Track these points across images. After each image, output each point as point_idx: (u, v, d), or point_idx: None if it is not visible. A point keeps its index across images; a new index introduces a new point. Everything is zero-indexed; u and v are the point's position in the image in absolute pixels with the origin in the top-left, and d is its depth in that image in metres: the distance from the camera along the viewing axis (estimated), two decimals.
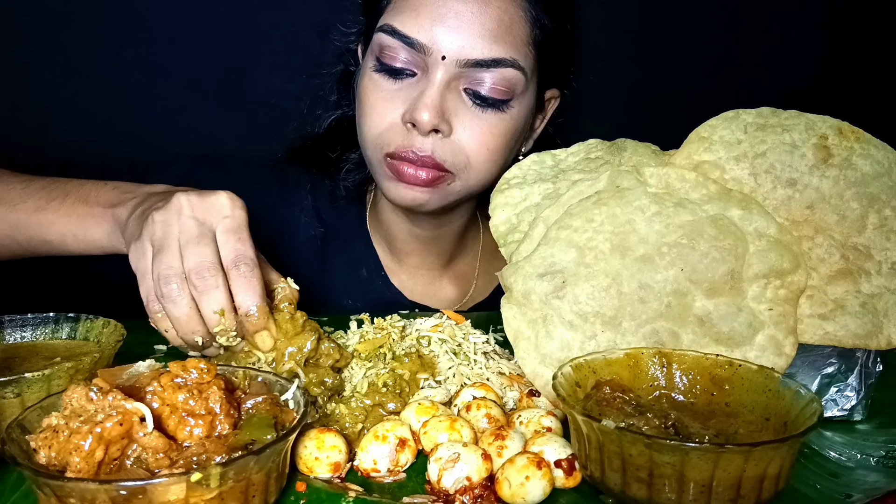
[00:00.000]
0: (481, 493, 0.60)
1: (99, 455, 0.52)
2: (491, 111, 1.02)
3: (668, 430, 0.59)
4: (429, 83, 0.99)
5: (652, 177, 0.79)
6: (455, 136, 1.01)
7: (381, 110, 1.02)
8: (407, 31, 0.99)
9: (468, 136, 1.01)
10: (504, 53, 0.99)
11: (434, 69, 0.99)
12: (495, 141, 1.03)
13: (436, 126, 0.98)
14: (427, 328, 0.88)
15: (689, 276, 0.73)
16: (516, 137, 1.08)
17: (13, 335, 0.80)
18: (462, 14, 0.98)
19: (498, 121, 1.03)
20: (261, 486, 0.55)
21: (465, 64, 0.98)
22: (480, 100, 1.01)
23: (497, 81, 1.00)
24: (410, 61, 1.00)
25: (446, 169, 1.02)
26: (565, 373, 0.65)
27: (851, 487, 0.65)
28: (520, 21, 1.02)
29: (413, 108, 0.98)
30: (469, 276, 1.28)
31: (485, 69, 0.99)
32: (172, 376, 0.59)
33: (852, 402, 0.77)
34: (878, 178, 0.77)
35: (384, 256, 1.25)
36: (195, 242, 0.75)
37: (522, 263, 0.76)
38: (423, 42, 0.98)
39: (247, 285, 0.75)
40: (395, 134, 1.01)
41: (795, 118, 0.80)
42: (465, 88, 1.00)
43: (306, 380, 0.75)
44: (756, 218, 0.75)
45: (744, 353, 0.70)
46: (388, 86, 1.02)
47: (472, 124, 1.01)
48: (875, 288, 0.73)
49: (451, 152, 1.01)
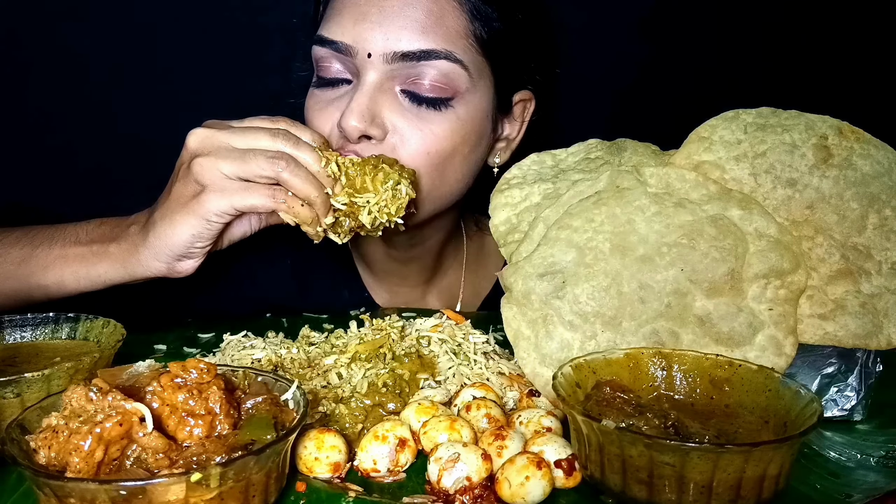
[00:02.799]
0: (481, 493, 0.60)
1: (99, 455, 0.52)
2: (430, 111, 0.94)
3: (668, 431, 0.59)
4: (358, 87, 0.94)
5: (652, 177, 0.79)
6: (388, 141, 0.94)
7: (317, 122, 0.98)
8: (332, 35, 0.95)
9: (403, 140, 0.94)
10: (435, 45, 0.92)
11: (364, 71, 0.94)
12: (438, 144, 0.95)
13: (363, 132, 0.92)
14: (427, 328, 0.88)
15: (689, 276, 0.73)
16: (467, 142, 0.99)
17: (13, 335, 0.80)
18: (385, 8, 0.93)
19: (439, 121, 0.95)
20: (261, 486, 0.55)
21: (393, 58, 0.92)
22: (415, 99, 0.94)
23: (434, 77, 0.93)
24: (343, 69, 0.97)
25: None
26: (565, 373, 0.65)
27: (851, 487, 0.65)
28: (452, 12, 0.95)
29: (342, 115, 0.93)
30: (454, 289, 1.24)
31: (416, 63, 0.92)
32: (172, 376, 0.59)
33: (852, 402, 0.77)
34: (878, 178, 0.77)
35: (366, 277, 1.22)
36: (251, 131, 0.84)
37: (522, 263, 0.76)
38: (348, 43, 0.93)
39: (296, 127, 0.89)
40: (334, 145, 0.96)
41: (795, 118, 0.80)
42: (401, 90, 0.94)
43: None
44: (756, 218, 0.75)
45: (744, 353, 0.70)
46: (325, 96, 0.98)
47: (407, 127, 0.94)
48: (875, 288, 0.73)
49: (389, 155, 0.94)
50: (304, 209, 0.85)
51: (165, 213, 0.85)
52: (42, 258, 0.91)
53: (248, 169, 0.82)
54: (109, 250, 0.89)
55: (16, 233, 0.95)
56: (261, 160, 0.82)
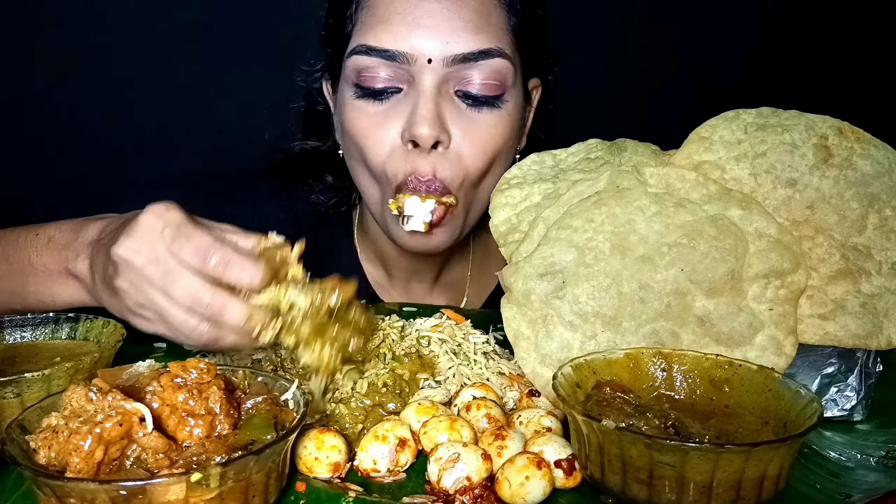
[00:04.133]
0: (481, 493, 0.60)
1: (98, 455, 0.52)
2: (486, 110, 0.97)
3: (668, 431, 0.59)
4: (420, 94, 0.94)
5: (652, 177, 0.79)
6: (453, 146, 0.96)
7: (375, 136, 0.96)
8: (383, 44, 0.94)
9: (466, 144, 0.96)
10: (490, 43, 0.95)
11: (421, 77, 0.94)
12: (494, 144, 0.98)
13: (437, 138, 0.93)
14: (427, 328, 0.88)
15: (690, 276, 0.73)
16: (514, 135, 1.03)
17: (13, 335, 0.80)
18: (436, 14, 0.93)
19: (495, 120, 0.98)
20: (261, 486, 0.55)
21: (452, 62, 0.93)
22: (473, 100, 0.96)
23: (487, 76, 0.95)
24: (393, 77, 0.96)
25: (446, 187, 0.97)
26: (565, 373, 0.65)
27: (851, 487, 0.65)
28: (496, 9, 0.98)
29: (410, 123, 0.93)
30: (461, 286, 1.25)
31: (473, 63, 0.94)
32: (172, 376, 0.59)
33: (852, 402, 0.77)
34: (879, 178, 0.77)
35: (372, 272, 1.22)
36: (176, 271, 0.68)
37: (522, 263, 0.76)
38: (405, 51, 0.93)
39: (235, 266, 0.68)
40: (399, 160, 0.96)
41: (795, 118, 0.80)
42: (455, 91, 0.96)
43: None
44: (756, 218, 0.75)
45: (744, 353, 0.70)
46: (375, 108, 0.97)
47: (468, 129, 0.96)
48: (875, 288, 0.73)
49: (449, 167, 0.96)
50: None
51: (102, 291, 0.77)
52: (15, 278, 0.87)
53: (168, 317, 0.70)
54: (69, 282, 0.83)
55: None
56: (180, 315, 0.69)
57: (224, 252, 0.69)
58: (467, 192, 1.00)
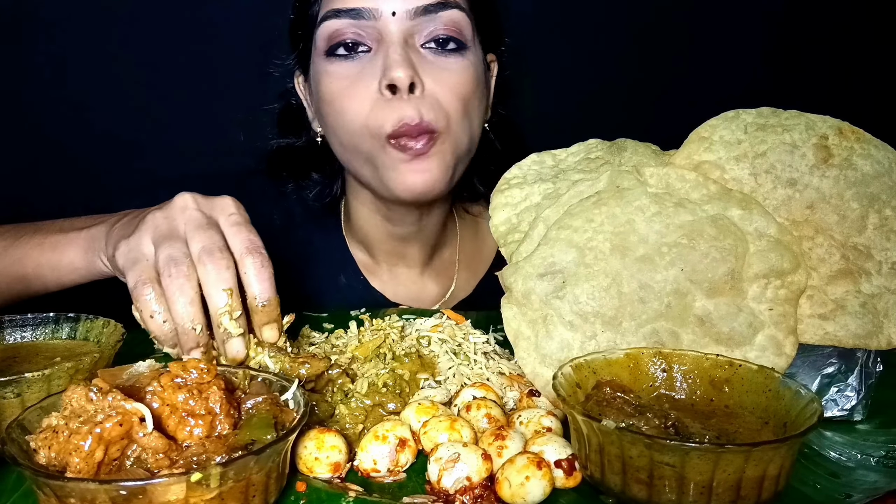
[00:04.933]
0: (481, 493, 0.60)
1: (99, 455, 0.52)
2: (452, 57, 1.03)
3: (669, 431, 0.59)
4: (389, 44, 1.00)
5: (652, 177, 0.79)
6: (428, 91, 1.01)
7: (354, 94, 1.02)
8: (350, 4, 1.01)
9: (440, 87, 1.01)
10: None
11: (387, 30, 1.00)
12: (465, 87, 1.03)
13: (412, 79, 0.98)
14: (427, 328, 0.88)
15: (690, 276, 0.73)
16: (481, 87, 1.08)
17: (13, 335, 0.80)
18: None
19: (462, 66, 1.04)
20: (261, 486, 0.55)
21: (415, 14, 1.00)
22: (439, 45, 1.03)
23: (448, 24, 1.02)
24: (361, 35, 1.02)
25: (433, 127, 1.01)
26: (565, 373, 0.65)
27: (851, 487, 0.65)
28: None
29: (386, 69, 0.99)
30: (450, 272, 1.28)
31: (434, 14, 1.01)
32: (172, 376, 0.59)
33: (852, 402, 0.77)
34: (879, 178, 0.77)
35: (362, 259, 1.25)
36: (203, 229, 0.74)
37: (522, 263, 0.76)
38: (370, 7, 1.00)
39: (262, 274, 0.73)
40: (381, 111, 1.00)
41: (795, 118, 0.80)
42: (421, 44, 1.02)
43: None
44: (756, 218, 0.75)
45: (744, 353, 0.70)
46: (349, 69, 1.03)
47: (439, 75, 1.02)
48: (875, 288, 0.73)
49: (431, 108, 1.01)
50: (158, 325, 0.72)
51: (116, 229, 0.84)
52: (22, 246, 0.93)
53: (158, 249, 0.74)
54: (82, 235, 0.90)
55: (2, 227, 0.97)
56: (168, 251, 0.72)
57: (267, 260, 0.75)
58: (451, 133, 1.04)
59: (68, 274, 0.92)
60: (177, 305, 0.71)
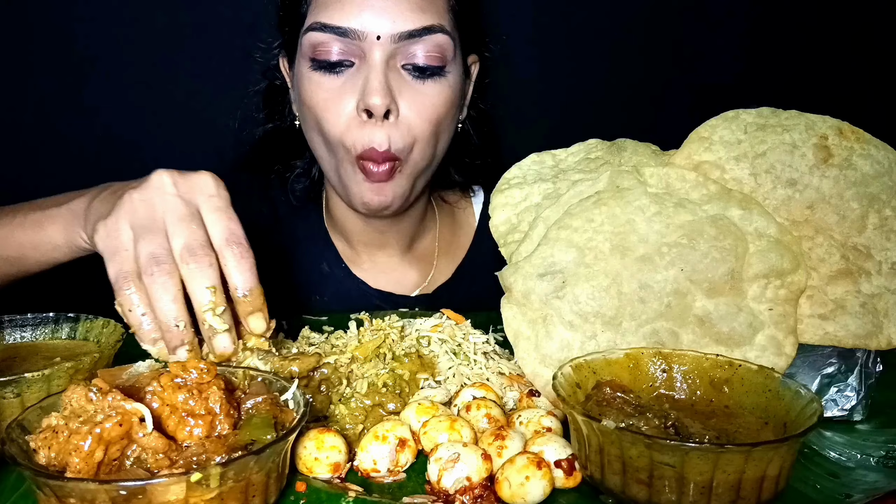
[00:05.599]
0: (481, 493, 0.60)
1: (98, 455, 0.52)
2: (430, 82, 1.05)
3: (668, 431, 0.59)
4: (371, 67, 1.02)
5: (652, 177, 0.79)
6: (402, 117, 1.04)
7: (334, 108, 1.04)
8: (336, 21, 1.02)
9: (413, 113, 1.04)
10: (432, 20, 1.04)
11: (371, 53, 1.02)
12: (437, 112, 1.06)
13: (388, 107, 1.01)
14: (427, 328, 0.88)
15: (689, 276, 0.73)
16: (456, 105, 1.12)
17: (13, 335, 0.80)
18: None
19: (439, 90, 1.06)
20: (261, 486, 0.55)
21: (399, 38, 1.02)
22: (419, 71, 1.05)
23: (430, 49, 1.04)
24: (345, 51, 1.03)
25: (396, 157, 1.05)
26: (565, 373, 0.65)
27: (851, 487, 0.65)
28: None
29: (363, 94, 1.01)
30: (430, 259, 1.31)
31: (417, 39, 1.03)
32: (172, 376, 0.59)
33: (852, 402, 0.77)
34: (878, 178, 0.77)
35: (344, 249, 1.28)
36: (185, 220, 0.72)
37: (522, 263, 0.76)
38: (355, 28, 1.01)
39: (242, 265, 0.72)
40: (356, 131, 1.04)
41: (795, 118, 0.80)
42: (402, 65, 1.04)
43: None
44: (756, 218, 0.75)
45: (744, 353, 0.70)
46: (331, 82, 1.05)
47: (415, 100, 1.04)
48: (875, 288, 0.73)
49: (400, 138, 1.04)
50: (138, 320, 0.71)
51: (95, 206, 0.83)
52: (4, 226, 0.92)
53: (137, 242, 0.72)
54: (62, 211, 0.88)
55: None
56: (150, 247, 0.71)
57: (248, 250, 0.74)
58: (412, 157, 1.08)
59: (50, 252, 0.90)
60: (160, 303, 0.69)
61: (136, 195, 0.74)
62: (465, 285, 1.28)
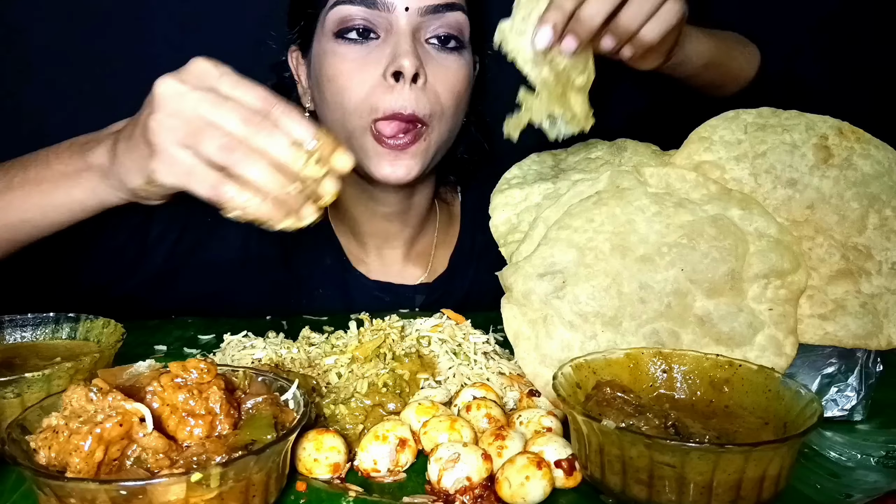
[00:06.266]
0: (481, 493, 0.60)
1: (99, 455, 0.52)
2: (453, 56, 1.09)
3: (669, 431, 0.59)
4: (400, 35, 1.05)
5: (652, 177, 0.79)
6: (429, 84, 1.07)
7: (358, 76, 1.06)
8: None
9: (440, 82, 1.08)
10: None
11: (398, 23, 1.05)
12: (460, 84, 1.10)
13: (417, 69, 1.03)
14: (427, 328, 0.88)
15: (690, 276, 0.73)
16: (470, 84, 1.15)
17: (13, 335, 0.80)
18: None
19: (459, 64, 1.10)
20: (261, 486, 0.55)
21: (425, 12, 1.06)
22: (442, 43, 1.09)
23: (451, 25, 1.09)
24: (372, 23, 1.06)
25: (423, 121, 1.06)
26: (565, 373, 0.65)
27: (851, 487, 0.65)
28: None
29: (393, 59, 1.04)
30: (428, 251, 1.33)
31: (441, 14, 1.07)
32: (172, 376, 0.59)
33: (852, 402, 0.77)
34: (879, 178, 0.77)
35: (346, 243, 1.28)
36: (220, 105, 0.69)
37: (522, 263, 0.76)
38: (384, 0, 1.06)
39: (294, 118, 0.70)
40: (380, 94, 1.05)
41: (796, 118, 0.80)
42: (426, 39, 1.08)
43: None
44: (756, 218, 0.75)
45: (744, 353, 0.70)
46: (357, 52, 1.07)
47: (439, 70, 1.08)
48: (875, 288, 0.73)
49: (427, 103, 1.06)
50: (257, 207, 0.71)
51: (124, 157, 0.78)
52: (18, 187, 0.87)
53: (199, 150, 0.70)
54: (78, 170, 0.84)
55: None
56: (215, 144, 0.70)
57: (286, 103, 0.71)
58: (439, 125, 1.10)
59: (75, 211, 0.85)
60: (262, 181, 0.69)
61: (160, 116, 0.71)
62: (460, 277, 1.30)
